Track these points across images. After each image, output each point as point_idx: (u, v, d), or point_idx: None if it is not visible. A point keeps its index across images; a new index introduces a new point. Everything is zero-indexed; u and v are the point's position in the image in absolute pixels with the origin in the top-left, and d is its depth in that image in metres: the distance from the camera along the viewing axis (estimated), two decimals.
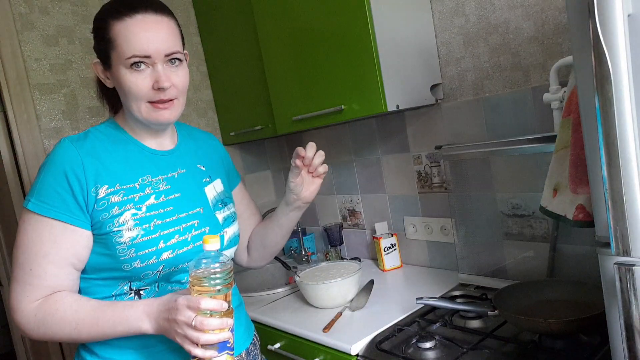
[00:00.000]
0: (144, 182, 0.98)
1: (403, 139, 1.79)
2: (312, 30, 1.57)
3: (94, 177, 0.92)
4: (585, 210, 0.91)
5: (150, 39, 0.90)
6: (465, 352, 1.14)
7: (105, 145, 0.98)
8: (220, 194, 1.12)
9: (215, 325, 0.81)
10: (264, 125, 1.91)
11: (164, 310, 0.86)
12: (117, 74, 0.93)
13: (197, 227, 1.01)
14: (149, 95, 0.93)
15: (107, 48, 0.93)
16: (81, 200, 0.91)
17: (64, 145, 0.94)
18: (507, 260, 1.51)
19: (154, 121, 0.96)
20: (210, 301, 0.82)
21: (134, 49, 0.90)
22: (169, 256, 0.95)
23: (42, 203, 0.90)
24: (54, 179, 0.91)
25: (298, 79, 1.67)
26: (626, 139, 0.70)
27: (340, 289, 1.53)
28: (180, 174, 1.04)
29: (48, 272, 0.91)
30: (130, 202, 0.94)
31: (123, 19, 0.90)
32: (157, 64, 0.92)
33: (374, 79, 1.41)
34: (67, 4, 1.88)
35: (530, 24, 1.36)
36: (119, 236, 0.92)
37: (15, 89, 1.75)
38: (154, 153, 1.03)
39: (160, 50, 0.91)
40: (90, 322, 0.90)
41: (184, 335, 0.82)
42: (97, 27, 0.95)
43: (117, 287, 0.96)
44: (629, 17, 0.68)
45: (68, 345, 1.86)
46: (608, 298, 0.79)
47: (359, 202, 2.06)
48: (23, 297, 0.91)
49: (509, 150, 1.38)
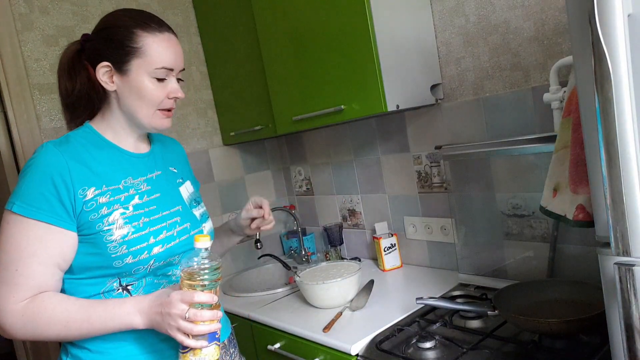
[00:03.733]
0: (127, 183, 1.03)
1: (403, 139, 1.79)
2: (312, 30, 1.57)
3: (80, 180, 0.95)
4: (585, 210, 0.91)
5: (176, 54, 1.03)
6: (465, 352, 1.14)
7: (88, 148, 1.01)
8: (192, 194, 1.19)
9: (208, 316, 0.88)
10: (264, 125, 1.91)
11: (156, 305, 0.91)
12: (135, 80, 1.00)
13: (180, 223, 1.08)
14: (164, 103, 1.03)
15: (130, 55, 0.99)
16: (67, 203, 0.93)
17: (48, 149, 0.96)
18: (507, 260, 1.51)
19: (156, 127, 1.05)
20: (202, 294, 0.88)
21: (165, 61, 1.01)
22: (159, 251, 1.01)
23: (28, 205, 0.92)
24: (40, 182, 0.92)
25: (298, 79, 1.67)
26: (626, 139, 0.70)
27: (340, 289, 1.53)
28: (157, 175, 1.11)
29: (36, 272, 0.92)
30: (117, 202, 0.99)
31: (155, 33, 1.01)
32: (173, 77, 1.04)
33: (373, 79, 1.41)
34: (67, 4, 1.88)
35: (530, 24, 1.37)
36: (110, 234, 0.96)
37: (15, 89, 1.75)
38: (133, 156, 1.08)
39: (179, 66, 1.05)
40: (81, 320, 0.92)
41: (177, 327, 0.88)
42: (121, 35, 0.99)
43: (105, 284, 0.99)
44: (629, 17, 0.68)
45: None
46: (608, 298, 0.79)
47: (359, 202, 2.06)
48: (9, 298, 0.92)
49: (509, 150, 1.38)
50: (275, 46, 1.73)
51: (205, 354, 0.90)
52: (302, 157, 2.29)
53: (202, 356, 0.90)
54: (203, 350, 0.90)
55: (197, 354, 0.90)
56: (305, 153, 2.27)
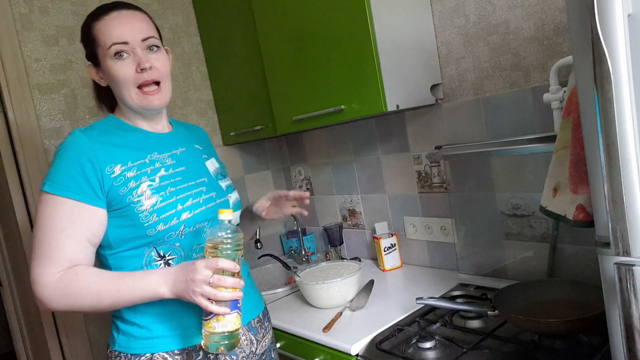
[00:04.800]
0: (152, 158, 1.09)
1: (403, 139, 1.79)
2: (312, 30, 1.57)
3: (106, 159, 1.02)
4: (585, 210, 0.91)
5: (125, 27, 1.04)
6: (465, 352, 1.14)
7: (113, 131, 1.09)
8: (218, 168, 1.24)
9: (230, 283, 0.93)
10: (264, 125, 1.91)
11: (181, 273, 0.96)
12: (105, 68, 1.06)
13: (206, 192, 1.13)
14: (135, 78, 1.05)
15: (93, 47, 1.07)
16: (94, 182, 1.00)
17: (75, 134, 1.04)
18: (507, 260, 1.51)
19: (145, 107, 1.08)
20: (226, 261, 0.93)
21: (112, 38, 1.03)
22: (187, 216, 1.06)
23: (57, 185, 0.99)
24: (68, 164, 1.00)
25: (298, 79, 1.67)
26: (626, 139, 0.70)
27: (340, 289, 1.53)
28: (182, 152, 1.16)
29: (66, 245, 0.99)
30: (144, 175, 1.05)
31: (102, 18, 1.06)
32: (136, 49, 1.04)
33: (373, 79, 1.41)
34: (67, 4, 1.88)
35: (530, 24, 1.37)
36: (140, 205, 1.02)
37: (15, 89, 1.75)
38: (156, 135, 1.14)
39: (136, 36, 1.04)
40: (111, 290, 0.99)
41: (201, 293, 0.93)
42: (83, 33, 1.09)
43: (144, 255, 1.06)
44: (629, 17, 0.68)
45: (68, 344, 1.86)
46: (608, 298, 0.79)
47: (359, 202, 2.06)
48: (44, 271, 0.98)
49: (509, 150, 1.38)
50: (275, 46, 1.73)
51: (227, 320, 0.94)
52: (302, 157, 2.29)
53: (225, 322, 0.94)
54: (226, 317, 0.94)
55: (219, 319, 0.94)
56: (305, 153, 2.27)
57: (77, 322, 1.88)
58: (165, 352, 1.05)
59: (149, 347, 1.06)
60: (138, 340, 1.06)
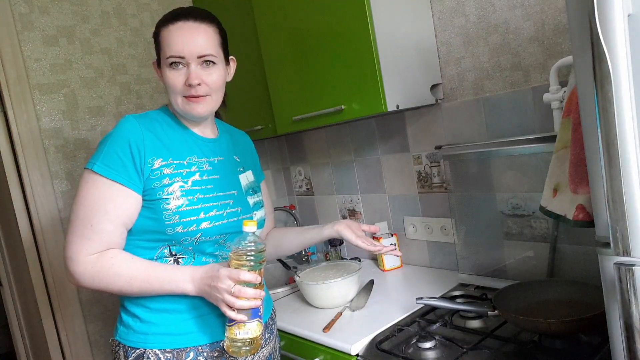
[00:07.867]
0: (191, 161, 1.12)
1: (403, 139, 1.79)
2: (312, 30, 1.57)
3: (152, 149, 1.06)
4: (585, 210, 0.91)
5: (185, 41, 1.07)
6: (465, 352, 1.14)
7: (162, 125, 1.13)
8: (251, 182, 1.27)
9: (251, 294, 0.97)
10: (264, 125, 1.91)
11: (207, 277, 1.01)
12: (163, 71, 1.11)
13: (232, 206, 1.15)
14: (183, 90, 1.09)
15: (158, 49, 1.13)
16: (139, 168, 1.04)
17: (129, 119, 1.07)
18: (507, 260, 1.51)
19: (188, 113, 1.12)
20: (248, 274, 0.97)
21: (171, 50, 1.07)
22: (207, 226, 1.08)
23: (106, 167, 1.02)
24: (119, 147, 1.03)
25: (298, 79, 1.67)
26: (626, 139, 0.70)
27: (340, 289, 1.53)
28: (219, 160, 1.19)
29: (106, 229, 1.03)
30: (179, 176, 1.08)
31: (168, 26, 1.09)
32: (190, 64, 1.08)
33: (373, 79, 1.41)
34: (67, 4, 1.88)
35: (530, 24, 1.37)
36: (167, 203, 1.05)
37: (15, 89, 1.75)
38: (200, 139, 1.18)
39: (193, 53, 1.07)
40: (142, 278, 1.03)
41: (223, 300, 0.98)
42: (154, 33, 1.14)
43: (158, 250, 1.08)
44: (629, 17, 0.68)
45: (68, 344, 1.86)
46: (608, 298, 0.79)
47: (359, 202, 2.06)
48: (82, 249, 1.02)
49: (509, 150, 1.38)
50: (275, 46, 1.73)
51: (248, 328, 0.99)
52: (302, 157, 2.29)
53: (246, 330, 0.99)
54: (247, 325, 0.98)
55: (241, 327, 0.99)
56: (305, 153, 2.27)
57: (77, 322, 1.88)
58: (158, 349, 1.07)
59: (143, 342, 1.08)
60: (136, 333, 1.09)
